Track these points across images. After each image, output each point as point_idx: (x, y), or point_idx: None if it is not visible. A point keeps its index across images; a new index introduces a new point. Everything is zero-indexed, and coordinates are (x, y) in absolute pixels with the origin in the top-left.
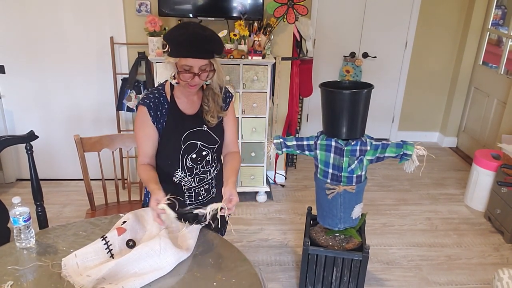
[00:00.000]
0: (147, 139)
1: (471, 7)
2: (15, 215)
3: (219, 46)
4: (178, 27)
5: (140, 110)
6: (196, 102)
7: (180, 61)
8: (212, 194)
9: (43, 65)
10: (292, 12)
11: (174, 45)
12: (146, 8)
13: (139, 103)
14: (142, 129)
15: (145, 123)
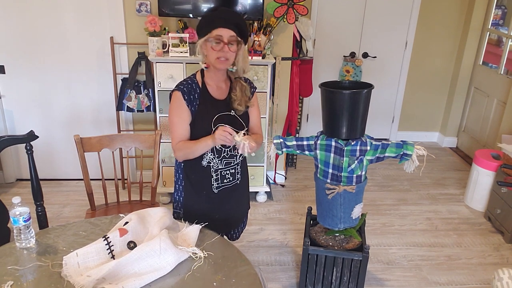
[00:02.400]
0: (183, 122)
1: (471, 7)
2: (15, 215)
3: (245, 27)
4: (206, 11)
5: (174, 96)
6: (225, 89)
7: (212, 33)
8: (237, 180)
9: (43, 65)
10: (292, 12)
11: (208, 21)
12: (146, 8)
13: (174, 89)
14: (178, 113)
15: (181, 107)
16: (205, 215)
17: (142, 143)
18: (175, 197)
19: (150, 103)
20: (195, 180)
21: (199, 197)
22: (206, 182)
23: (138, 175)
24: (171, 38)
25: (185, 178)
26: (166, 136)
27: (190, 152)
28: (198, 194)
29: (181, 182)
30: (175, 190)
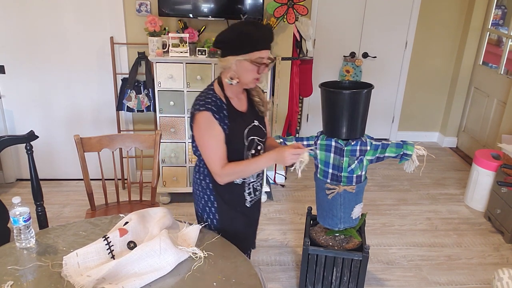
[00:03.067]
0: (221, 143)
1: (471, 7)
2: (15, 215)
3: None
4: (243, 26)
5: (203, 117)
6: (244, 99)
7: (253, 55)
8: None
9: (43, 65)
10: (292, 12)
11: (250, 41)
12: (146, 8)
13: (199, 109)
14: (213, 135)
15: (214, 128)
16: (243, 232)
17: (142, 143)
18: (207, 220)
19: (150, 103)
20: (229, 199)
21: (235, 215)
22: (240, 198)
23: (138, 175)
24: (171, 38)
25: (218, 198)
26: (166, 136)
27: (243, 175)
28: (234, 212)
29: (212, 203)
30: (205, 211)
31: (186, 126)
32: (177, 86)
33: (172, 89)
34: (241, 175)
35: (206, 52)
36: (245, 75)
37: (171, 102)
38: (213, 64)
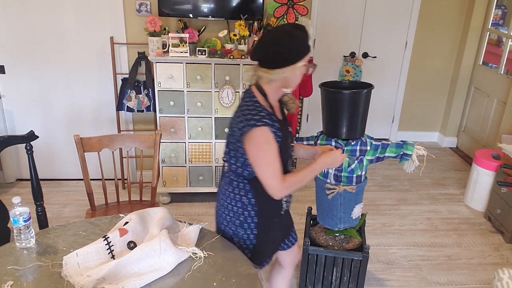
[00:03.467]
0: (277, 156)
1: (471, 7)
2: (15, 215)
3: None
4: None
5: (261, 132)
6: (278, 105)
7: (307, 57)
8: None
9: (43, 65)
10: (292, 12)
11: (306, 45)
12: (146, 8)
13: (256, 125)
14: (271, 149)
15: (272, 142)
16: (274, 239)
17: (142, 143)
18: (242, 236)
19: (150, 103)
20: (270, 211)
21: (272, 226)
22: (278, 207)
23: (138, 175)
24: (171, 38)
25: (259, 212)
26: (166, 136)
27: (301, 185)
28: (271, 223)
29: (252, 219)
30: (241, 228)
31: (186, 126)
32: (177, 86)
33: (172, 89)
34: (300, 185)
35: (206, 52)
36: (296, 80)
37: (171, 102)
38: (213, 64)
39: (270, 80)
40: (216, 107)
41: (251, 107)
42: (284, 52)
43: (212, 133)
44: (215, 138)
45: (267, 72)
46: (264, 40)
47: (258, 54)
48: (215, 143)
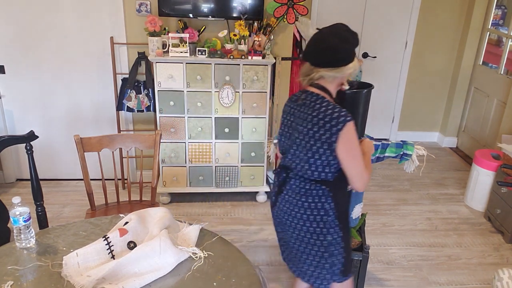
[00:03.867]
0: None
1: (471, 7)
2: (15, 215)
3: None
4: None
5: (353, 125)
6: None
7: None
8: None
9: (43, 65)
10: (292, 12)
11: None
12: (146, 8)
13: (347, 120)
14: (358, 144)
15: (356, 136)
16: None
17: (142, 143)
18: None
19: (150, 103)
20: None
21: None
22: (347, 208)
23: (138, 175)
24: (171, 38)
25: (338, 214)
26: (166, 136)
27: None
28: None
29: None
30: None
31: (186, 126)
32: (177, 86)
33: (172, 89)
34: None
35: (206, 52)
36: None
37: (171, 102)
38: (213, 64)
39: (335, 78)
40: (216, 107)
41: (329, 106)
42: (351, 48)
43: (212, 133)
44: (215, 138)
45: (333, 70)
46: (327, 41)
47: (323, 55)
48: (215, 143)
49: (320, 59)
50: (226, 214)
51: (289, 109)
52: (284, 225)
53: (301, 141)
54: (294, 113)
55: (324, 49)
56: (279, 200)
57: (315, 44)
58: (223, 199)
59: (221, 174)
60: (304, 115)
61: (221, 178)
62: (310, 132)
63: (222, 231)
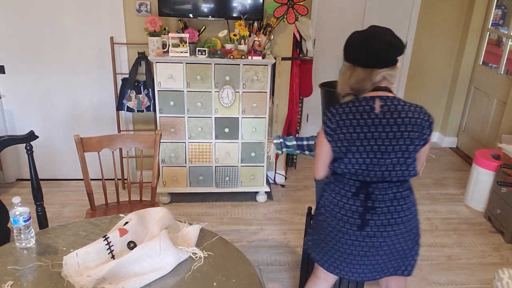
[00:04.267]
0: None
1: (471, 7)
2: (15, 215)
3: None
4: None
5: None
6: None
7: None
8: None
9: (43, 65)
10: (292, 12)
11: None
12: (146, 8)
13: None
14: None
15: None
16: None
17: (142, 143)
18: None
19: (150, 103)
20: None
21: None
22: None
23: (138, 175)
24: (171, 38)
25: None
26: (166, 136)
27: None
28: None
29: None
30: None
31: (186, 126)
32: (177, 86)
33: (172, 89)
34: None
35: (206, 52)
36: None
37: (171, 102)
38: (213, 64)
39: (394, 77)
40: (216, 107)
41: (412, 105)
42: (402, 44)
43: (212, 133)
44: (215, 138)
45: (392, 69)
46: (383, 39)
47: (384, 54)
48: (215, 143)
49: (380, 59)
50: (226, 214)
51: (370, 122)
52: (380, 242)
53: (401, 146)
54: (380, 123)
55: (385, 46)
56: (373, 219)
57: (370, 44)
58: (223, 199)
59: (221, 174)
60: (403, 121)
61: (221, 178)
62: (411, 134)
63: (222, 231)
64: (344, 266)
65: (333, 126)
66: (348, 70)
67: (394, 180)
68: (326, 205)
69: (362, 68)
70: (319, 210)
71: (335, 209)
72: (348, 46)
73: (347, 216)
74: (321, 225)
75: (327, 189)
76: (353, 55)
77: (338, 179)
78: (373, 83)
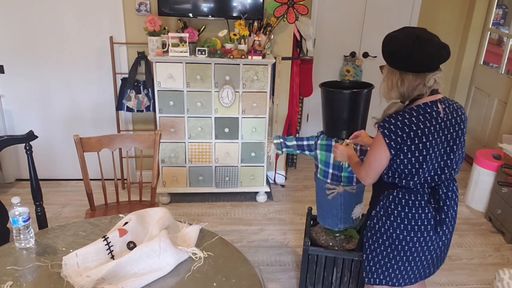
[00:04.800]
0: None
1: (471, 6)
2: (15, 215)
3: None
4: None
5: None
6: None
7: None
8: None
9: (43, 65)
10: (292, 12)
11: None
12: (145, 7)
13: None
14: None
15: None
16: None
17: (142, 143)
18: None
19: (149, 103)
20: None
21: None
22: None
23: (138, 175)
24: (171, 38)
25: None
26: (165, 136)
27: None
28: None
29: None
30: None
31: (186, 126)
32: (177, 86)
33: (172, 89)
34: None
35: (206, 52)
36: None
37: (171, 102)
38: (213, 63)
39: (442, 78)
40: (216, 107)
41: (455, 101)
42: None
43: (212, 133)
44: (215, 138)
45: (440, 71)
46: (434, 40)
47: (438, 55)
48: (215, 143)
49: (434, 62)
50: (226, 214)
51: (438, 127)
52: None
53: (462, 142)
54: (445, 125)
55: (438, 48)
56: (443, 217)
57: (423, 48)
58: (223, 199)
59: (221, 174)
60: (460, 118)
61: (221, 178)
62: (464, 129)
63: (222, 231)
64: (413, 273)
65: (402, 139)
66: (395, 76)
67: (454, 176)
68: (391, 222)
69: (413, 73)
70: (377, 231)
71: (404, 222)
72: (396, 52)
73: (419, 224)
74: (384, 243)
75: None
76: (403, 61)
77: (404, 192)
78: (429, 87)
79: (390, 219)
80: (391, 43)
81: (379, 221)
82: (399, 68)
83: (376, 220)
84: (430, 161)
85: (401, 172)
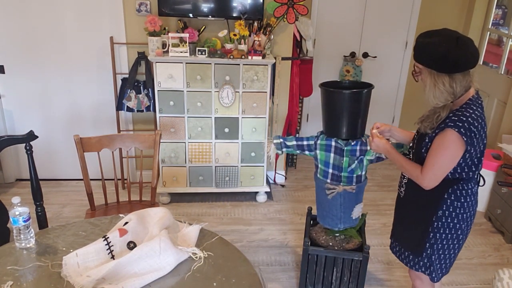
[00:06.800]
0: None
1: (471, 7)
2: (15, 215)
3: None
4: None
5: None
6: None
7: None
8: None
9: (43, 65)
10: (292, 12)
11: None
12: (146, 8)
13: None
14: None
15: None
16: None
17: (142, 143)
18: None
19: (150, 103)
20: None
21: None
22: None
23: (138, 175)
24: (171, 38)
25: None
26: (166, 136)
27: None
28: None
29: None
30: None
31: (186, 126)
32: (177, 86)
33: (172, 89)
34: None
35: (206, 52)
36: None
37: (171, 102)
38: (213, 64)
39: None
40: (216, 107)
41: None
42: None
43: (212, 133)
44: (215, 138)
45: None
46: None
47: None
48: (215, 143)
49: (475, 57)
50: (226, 214)
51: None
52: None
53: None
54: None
55: (473, 44)
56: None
57: (467, 48)
58: (223, 199)
59: (221, 174)
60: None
61: (221, 178)
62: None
63: (222, 231)
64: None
65: (475, 134)
66: (445, 80)
67: None
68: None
69: (460, 73)
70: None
71: (466, 211)
72: (447, 57)
73: (475, 208)
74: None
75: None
76: (453, 64)
77: (467, 183)
78: (472, 84)
79: (458, 212)
80: (438, 49)
81: (448, 218)
82: (449, 71)
83: (445, 219)
84: (483, 145)
85: (470, 164)
